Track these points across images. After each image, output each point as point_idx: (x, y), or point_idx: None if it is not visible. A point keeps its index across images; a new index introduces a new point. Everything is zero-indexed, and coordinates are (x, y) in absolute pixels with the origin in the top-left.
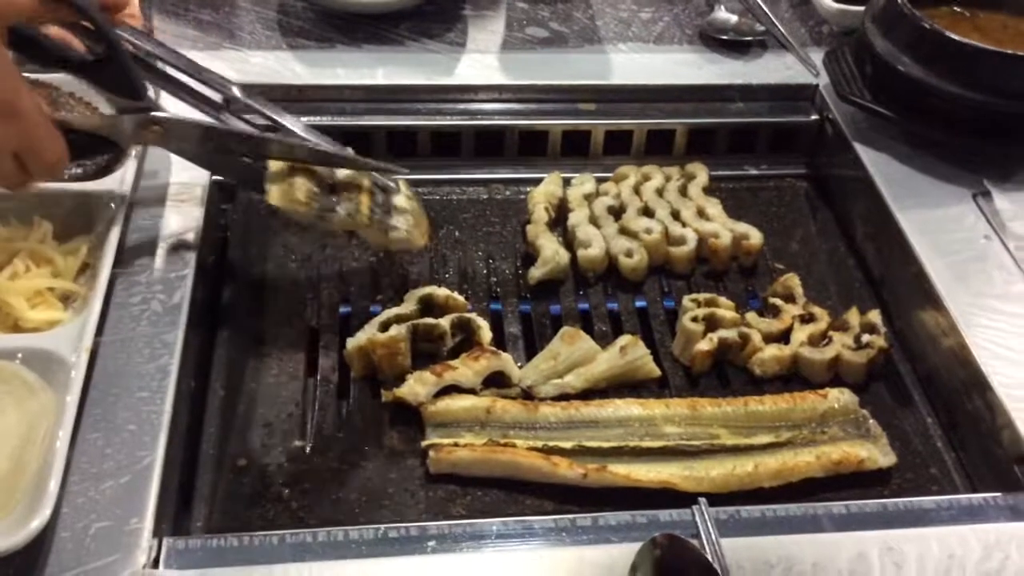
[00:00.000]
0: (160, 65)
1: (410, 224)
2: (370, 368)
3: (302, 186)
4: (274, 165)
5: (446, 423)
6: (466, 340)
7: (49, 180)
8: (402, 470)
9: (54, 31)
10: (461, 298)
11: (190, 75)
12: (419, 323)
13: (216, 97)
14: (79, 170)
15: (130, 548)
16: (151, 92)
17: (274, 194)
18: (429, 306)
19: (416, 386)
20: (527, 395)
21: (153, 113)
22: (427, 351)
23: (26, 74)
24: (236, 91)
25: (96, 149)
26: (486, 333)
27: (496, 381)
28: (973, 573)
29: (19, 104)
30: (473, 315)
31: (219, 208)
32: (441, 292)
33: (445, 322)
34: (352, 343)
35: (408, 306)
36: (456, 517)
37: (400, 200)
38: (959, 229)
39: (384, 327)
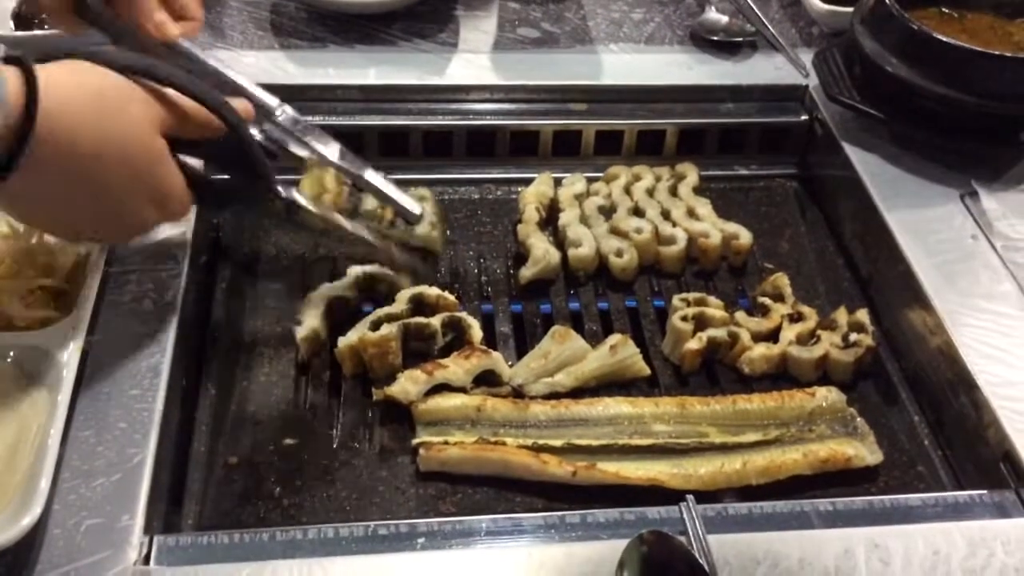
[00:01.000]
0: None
1: (432, 227)
2: (361, 367)
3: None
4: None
5: (436, 421)
6: (457, 339)
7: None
8: (392, 468)
9: None
10: (452, 297)
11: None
12: (410, 322)
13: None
14: None
15: (121, 545)
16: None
17: (307, 182)
18: (420, 305)
19: (407, 384)
20: (517, 393)
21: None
22: (418, 350)
23: None
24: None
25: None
26: (477, 332)
27: (487, 380)
28: (958, 570)
29: (173, 197)
30: (464, 314)
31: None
32: (432, 291)
33: (436, 321)
34: (343, 342)
35: (399, 305)
36: (446, 514)
37: (427, 206)
38: (947, 229)
39: (375, 326)
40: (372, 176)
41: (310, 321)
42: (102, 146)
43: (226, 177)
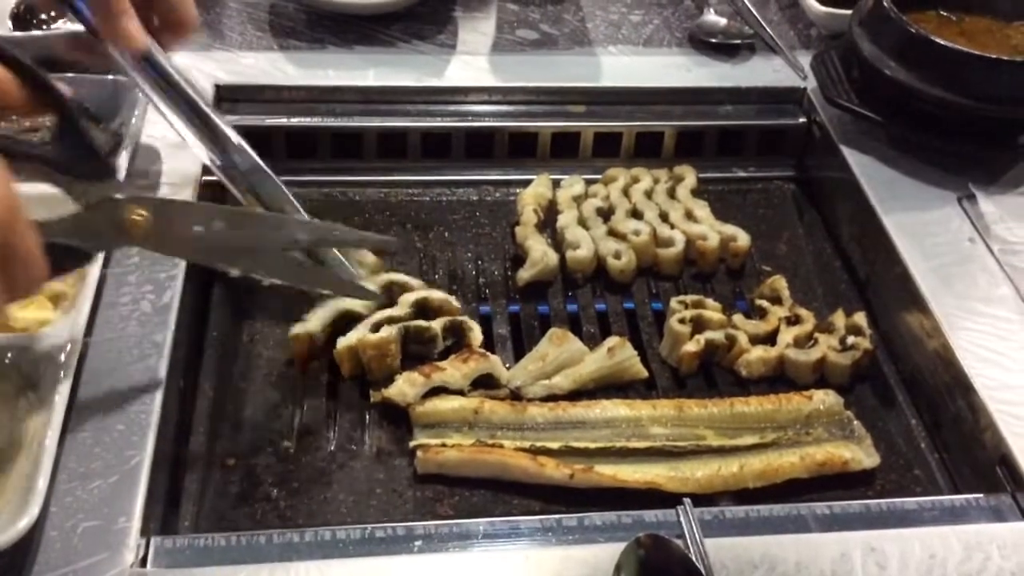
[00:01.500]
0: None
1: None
2: (359, 368)
3: None
4: None
5: (434, 423)
6: (457, 344)
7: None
8: (390, 470)
9: None
10: (455, 302)
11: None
12: (410, 325)
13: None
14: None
15: (118, 547)
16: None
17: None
18: (424, 309)
19: (404, 387)
20: (515, 396)
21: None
22: (417, 353)
23: None
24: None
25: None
26: (477, 336)
27: (484, 382)
28: (954, 573)
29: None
30: (465, 318)
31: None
32: (436, 295)
33: (437, 325)
34: (342, 343)
35: (402, 308)
36: (443, 517)
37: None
38: (944, 232)
39: (375, 328)
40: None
41: (311, 324)
42: None
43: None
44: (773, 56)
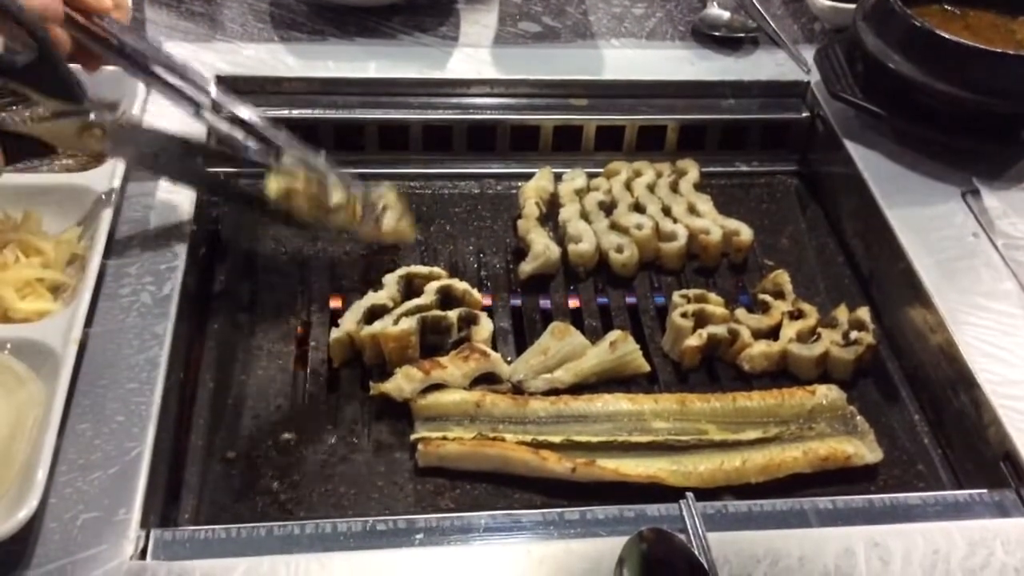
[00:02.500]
0: (146, 62)
1: (398, 218)
2: (353, 358)
3: (302, 182)
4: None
5: (435, 417)
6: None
7: None
8: (390, 463)
9: None
10: (477, 294)
11: (173, 72)
12: (428, 316)
13: (198, 96)
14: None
15: (117, 539)
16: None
17: (273, 186)
18: (447, 298)
19: (402, 382)
20: (517, 389)
21: (92, 118)
22: (434, 344)
23: None
24: (213, 92)
25: (31, 153)
26: (483, 331)
27: (485, 377)
28: (958, 569)
29: None
30: (481, 313)
31: (210, 200)
32: (460, 285)
33: (453, 315)
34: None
35: (427, 297)
36: (444, 510)
37: (390, 199)
38: (948, 227)
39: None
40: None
41: (346, 324)
42: None
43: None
44: (777, 50)
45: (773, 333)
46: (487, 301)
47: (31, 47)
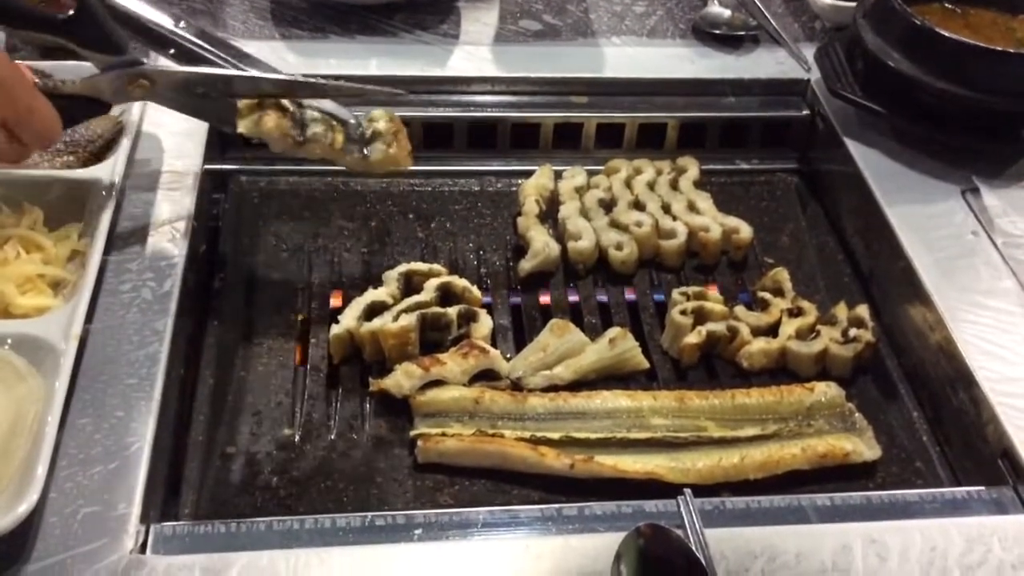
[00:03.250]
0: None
1: (388, 145)
2: (352, 354)
3: (273, 116)
4: (244, 101)
5: (435, 413)
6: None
7: (45, 147)
8: (390, 459)
9: None
10: (477, 291)
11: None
12: (427, 313)
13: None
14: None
15: (117, 533)
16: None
17: (245, 124)
18: (446, 295)
19: (401, 379)
20: (516, 386)
21: (138, 68)
22: (433, 340)
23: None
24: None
25: (86, 112)
26: (482, 329)
27: (485, 374)
28: (955, 566)
29: (2, 73)
30: (480, 310)
31: (211, 197)
32: (460, 282)
33: (452, 312)
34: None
35: (427, 294)
36: (443, 506)
37: (379, 125)
38: (947, 225)
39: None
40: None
41: (346, 321)
42: None
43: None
44: (777, 48)
45: (772, 330)
46: (487, 298)
47: (69, 3)
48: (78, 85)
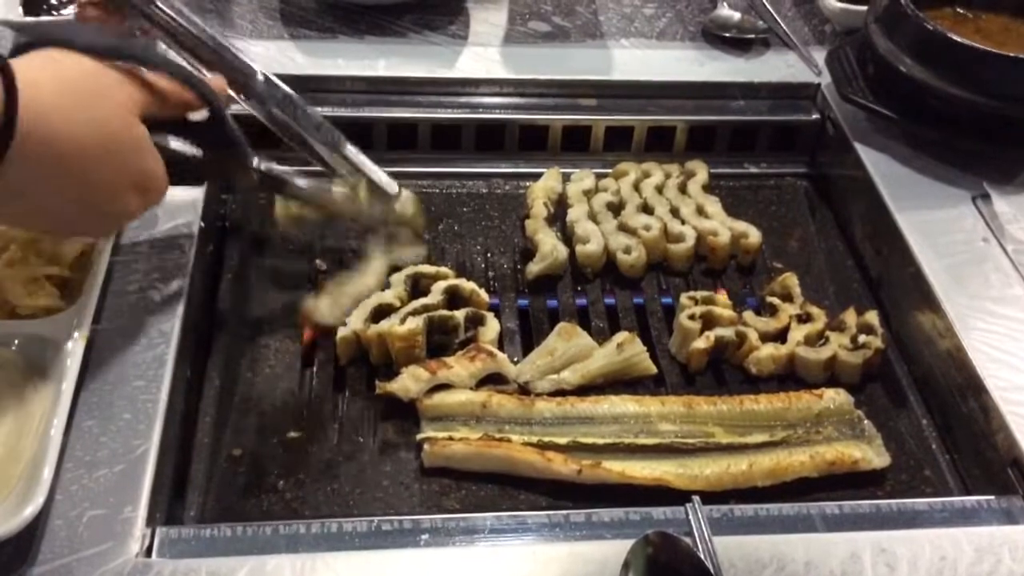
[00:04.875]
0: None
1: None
2: (359, 357)
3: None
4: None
5: (441, 417)
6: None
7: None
8: (396, 463)
9: None
10: (484, 294)
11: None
12: (435, 315)
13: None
14: None
15: (123, 537)
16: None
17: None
18: (452, 298)
19: (408, 382)
20: (523, 390)
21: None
22: (440, 343)
23: None
24: (260, 77)
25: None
26: (489, 333)
27: (492, 377)
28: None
29: (156, 184)
30: (488, 313)
31: (219, 198)
32: (468, 285)
33: (459, 315)
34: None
35: (434, 297)
36: (450, 511)
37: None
38: (958, 231)
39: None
40: (351, 151)
41: (353, 323)
42: (83, 138)
43: (202, 154)
44: (787, 51)
45: (781, 336)
46: (494, 301)
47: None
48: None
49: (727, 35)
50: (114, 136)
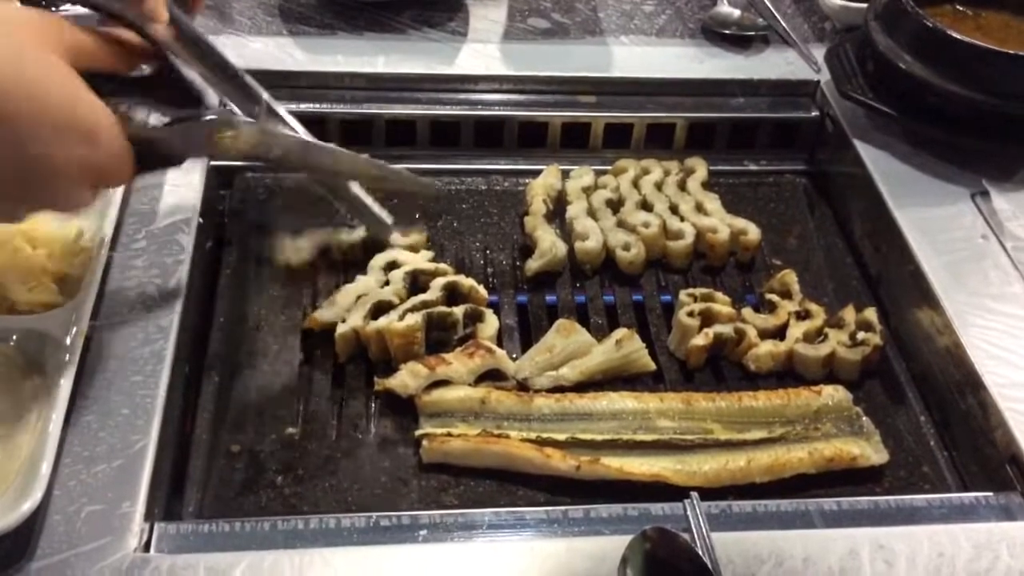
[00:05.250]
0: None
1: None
2: (358, 353)
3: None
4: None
5: (440, 413)
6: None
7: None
8: (395, 459)
9: None
10: (483, 290)
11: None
12: (434, 312)
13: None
14: None
15: (121, 532)
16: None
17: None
18: (451, 294)
19: (406, 378)
20: (522, 387)
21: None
22: (439, 340)
23: None
24: (266, 98)
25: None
26: (489, 328)
27: (491, 374)
28: (963, 572)
29: (101, 131)
30: (487, 309)
31: (217, 193)
32: (467, 282)
33: (458, 311)
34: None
35: (433, 293)
36: (448, 507)
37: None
38: (957, 228)
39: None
40: (356, 189)
41: (352, 320)
42: None
43: (165, 122)
44: (786, 48)
45: (780, 333)
46: (493, 298)
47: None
48: (161, 133)
49: (727, 32)
50: (30, 73)
